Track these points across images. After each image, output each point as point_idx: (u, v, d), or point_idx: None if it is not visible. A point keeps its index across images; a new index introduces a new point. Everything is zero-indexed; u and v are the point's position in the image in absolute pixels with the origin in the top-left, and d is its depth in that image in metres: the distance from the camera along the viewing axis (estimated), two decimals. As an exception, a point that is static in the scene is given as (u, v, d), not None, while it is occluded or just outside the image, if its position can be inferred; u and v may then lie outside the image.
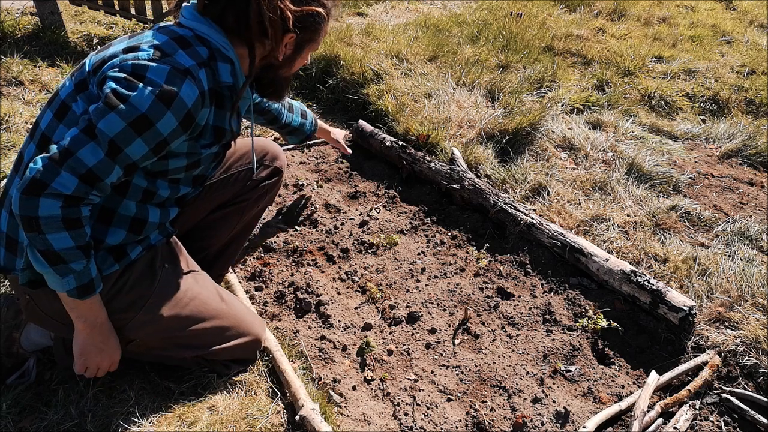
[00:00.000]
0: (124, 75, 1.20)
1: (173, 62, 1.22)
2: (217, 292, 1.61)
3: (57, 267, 1.21)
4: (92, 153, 1.18)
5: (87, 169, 1.18)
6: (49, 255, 1.20)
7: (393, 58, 3.70)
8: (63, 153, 1.17)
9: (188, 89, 1.22)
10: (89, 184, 1.19)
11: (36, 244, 1.19)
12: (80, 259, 1.23)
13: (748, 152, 3.19)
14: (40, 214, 1.15)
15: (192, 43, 1.28)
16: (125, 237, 1.40)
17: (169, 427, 1.45)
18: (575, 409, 1.68)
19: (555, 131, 3.12)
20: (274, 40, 1.33)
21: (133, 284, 1.42)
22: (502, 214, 2.39)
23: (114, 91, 1.18)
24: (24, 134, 2.72)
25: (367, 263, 2.24)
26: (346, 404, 1.67)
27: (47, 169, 1.15)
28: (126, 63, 1.22)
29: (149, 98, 1.18)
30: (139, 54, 1.23)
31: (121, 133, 1.18)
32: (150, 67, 1.20)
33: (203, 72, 1.27)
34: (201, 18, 1.31)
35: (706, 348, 1.88)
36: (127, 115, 1.17)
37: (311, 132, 2.27)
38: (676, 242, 2.35)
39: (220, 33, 1.31)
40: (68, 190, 1.16)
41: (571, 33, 4.61)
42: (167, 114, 1.20)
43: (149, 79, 1.19)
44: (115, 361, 1.45)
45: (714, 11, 5.88)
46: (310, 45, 1.45)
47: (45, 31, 3.83)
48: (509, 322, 2.00)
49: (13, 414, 1.48)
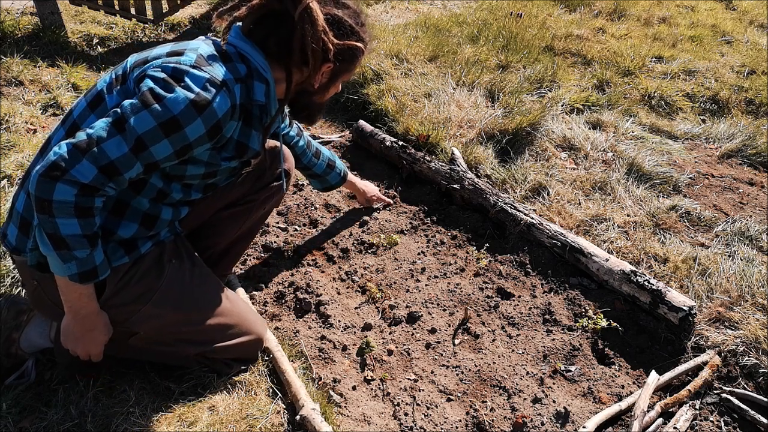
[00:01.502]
0: (164, 76, 1.25)
1: (212, 72, 1.27)
2: (222, 290, 1.63)
3: (60, 252, 1.23)
4: (117, 146, 1.20)
5: (109, 161, 1.20)
6: (55, 239, 1.22)
7: (393, 58, 3.70)
8: (89, 142, 1.19)
9: (221, 100, 1.27)
10: (108, 176, 1.21)
11: (45, 226, 1.21)
12: (84, 247, 1.25)
13: (748, 152, 3.19)
14: (54, 198, 1.17)
15: (233, 59, 1.34)
16: (137, 231, 1.43)
17: (169, 427, 1.45)
18: (575, 409, 1.68)
19: (555, 131, 3.12)
20: (313, 69, 1.40)
21: (141, 277, 1.44)
22: (502, 214, 2.39)
23: (151, 90, 1.22)
24: (24, 134, 2.72)
25: (367, 263, 2.24)
26: (346, 404, 1.67)
27: (70, 155, 1.17)
28: (167, 65, 1.27)
29: (183, 102, 1.22)
30: (182, 59, 1.29)
31: (150, 131, 1.21)
32: (189, 72, 1.25)
33: (238, 87, 1.32)
34: (245, 39, 1.37)
35: (706, 348, 1.88)
36: (160, 115, 1.21)
37: (337, 184, 2.30)
38: (676, 242, 2.35)
39: (261, 55, 1.38)
40: (86, 179, 1.18)
41: (571, 33, 4.61)
42: (197, 120, 1.24)
43: (186, 84, 1.24)
44: (93, 353, 1.45)
45: (714, 11, 5.88)
46: (345, 75, 1.53)
47: (45, 31, 3.83)
48: (509, 322, 2.00)
49: (13, 414, 1.48)
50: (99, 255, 1.30)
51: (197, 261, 1.62)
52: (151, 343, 1.55)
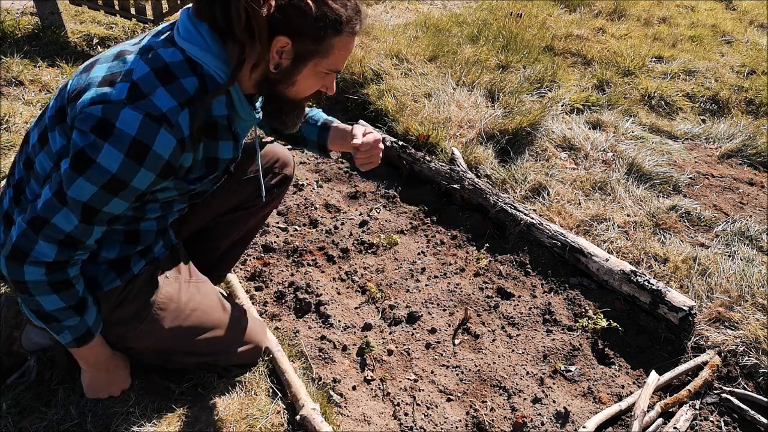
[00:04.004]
0: (91, 126, 1.07)
1: (148, 107, 1.07)
2: (219, 302, 1.59)
3: (51, 325, 1.23)
4: (66, 220, 1.13)
5: (65, 235, 1.14)
6: (42, 315, 1.21)
7: (393, 58, 3.70)
8: (37, 221, 1.13)
9: (163, 139, 1.08)
10: (70, 248, 1.16)
11: (28, 304, 1.20)
12: (73, 316, 1.23)
13: (748, 152, 3.19)
14: (26, 279, 1.15)
15: (177, 75, 1.11)
16: (121, 249, 1.36)
17: (169, 427, 1.45)
18: (575, 409, 1.68)
19: (555, 131, 3.12)
20: (260, 41, 1.10)
21: (135, 295, 1.40)
22: (502, 214, 2.39)
23: (81, 153, 1.07)
24: (24, 134, 2.72)
25: (367, 263, 2.24)
26: (346, 404, 1.67)
27: (26, 236, 1.13)
28: (95, 108, 1.07)
29: (118, 158, 1.07)
30: (113, 93, 1.07)
31: (94, 196, 1.11)
32: (120, 115, 1.06)
33: (185, 114, 1.11)
34: (196, 24, 1.13)
35: (706, 348, 1.88)
36: (98, 179, 1.09)
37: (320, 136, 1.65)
38: (676, 242, 2.35)
39: (214, 47, 1.13)
40: (49, 257, 1.14)
41: (571, 33, 4.61)
42: (141, 171, 1.10)
43: (118, 132, 1.06)
44: (124, 388, 1.49)
45: (714, 11, 5.88)
46: (317, 59, 1.16)
47: (45, 31, 3.83)
48: (509, 322, 2.00)
49: (13, 414, 1.48)
50: (90, 316, 1.27)
51: (194, 272, 1.57)
52: (149, 356, 1.53)
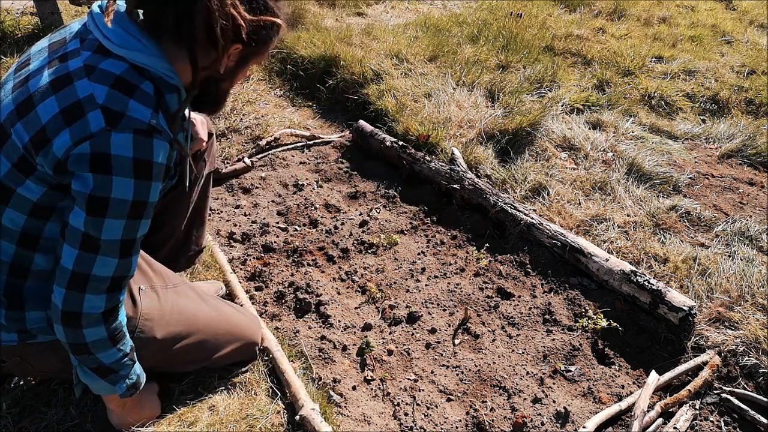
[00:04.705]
0: (87, 166, 1.04)
1: (132, 123, 1.05)
2: (201, 301, 1.57)
3: (108, 378, 1.25)
4: (105, 265, 1.13)
5: (109, 279, 1.14)
6: (101, 370, 1.23)
7: (393, 58, 3.70)
8: (77, 279, 1.12)
9: (159, 148, 1.09)
10: (116, 290, 1.17)
11: (87, 364, 1.22)
12: (128, 365, 1.27)
13: (748, 152, 3.19)
14: (88, 341, 1.17)
15: (134, 83, 1.08)
16: None
17: (169, 427, 1.45)
18: (575, 409, 1.68)
19: (555, 131, 3.12)
20: (222, 51, 1.14)
21: None
22: (502, 214, 2.39)
23: (92, 198, 1.07)
24: None
25: (367, 263, 2.24)
26: (346, 404, 1.67)
27: (72, 300, 1.13)
28: (82, 147, 1.03)
29: (129, 184, 1.07)
30: (91, 125, 1.03)
31: (126, 229, 1.12)
32: (111, 142, 1.04)
33: (161, 117, 1.11)
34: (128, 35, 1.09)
35: (706, 348, 1.88)
36: (121, 212, 1.09)
37: None
38: (676, 242, 2.35)
39: (155, 50, 1.11)
40: (100, 308, 1.16)
41: (571, 33, 4.61)
42: (152, 184, 1.12)
43: (116, 160, 1.04)
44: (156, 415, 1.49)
45: (714, 11, 5.88)
46: (257, 58, 1.28)
47: (45, 31, 3.83)
48: (509, 322, 2.00)
49: (13, 414, 1.48)
50: (138, 366, 1.32)
51: (167, 277, 1.53)
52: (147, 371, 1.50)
